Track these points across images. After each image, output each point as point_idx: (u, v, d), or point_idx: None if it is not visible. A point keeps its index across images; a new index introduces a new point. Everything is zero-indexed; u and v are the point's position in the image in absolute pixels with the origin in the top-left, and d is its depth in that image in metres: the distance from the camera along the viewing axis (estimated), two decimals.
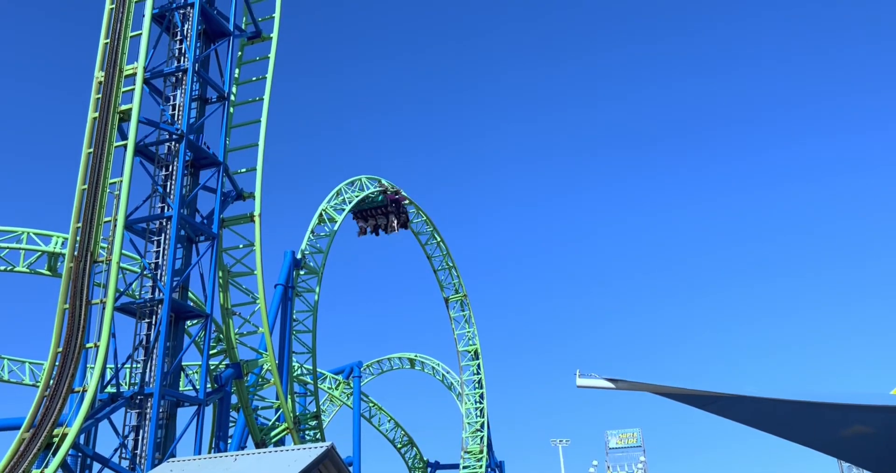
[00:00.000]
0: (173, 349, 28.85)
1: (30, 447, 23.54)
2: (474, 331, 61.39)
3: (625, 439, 77.04)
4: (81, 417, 23.95)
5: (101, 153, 27.86)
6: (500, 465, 64.64)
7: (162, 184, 30.08)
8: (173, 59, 31.97)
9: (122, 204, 27.33)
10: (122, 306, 28.06)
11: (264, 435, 33.10)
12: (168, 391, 27.61)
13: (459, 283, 60.43)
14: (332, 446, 20.86)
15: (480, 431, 60.27)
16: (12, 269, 36.38)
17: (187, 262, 30.59)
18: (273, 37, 35.61)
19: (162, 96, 31.43)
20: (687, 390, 8.66)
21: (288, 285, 38.83)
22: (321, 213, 43.81)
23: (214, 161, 31.87)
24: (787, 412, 8.85)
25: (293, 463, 19.79)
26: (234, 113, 33.89)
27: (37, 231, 36.09)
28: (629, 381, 9.36)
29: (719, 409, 9.14)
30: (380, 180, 50.41)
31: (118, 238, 26.86)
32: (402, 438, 63.24)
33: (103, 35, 29.77)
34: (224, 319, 32.02)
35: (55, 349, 25.62)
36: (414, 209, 54.96)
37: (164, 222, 29.46)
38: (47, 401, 24.58)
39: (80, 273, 26.46)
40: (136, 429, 26.94)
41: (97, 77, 29.21)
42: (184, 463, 22.28)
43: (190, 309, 30.19)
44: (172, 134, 30.25)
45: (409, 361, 66.03)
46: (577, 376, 9.79)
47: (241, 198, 32.86)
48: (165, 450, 27.06)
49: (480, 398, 60.87)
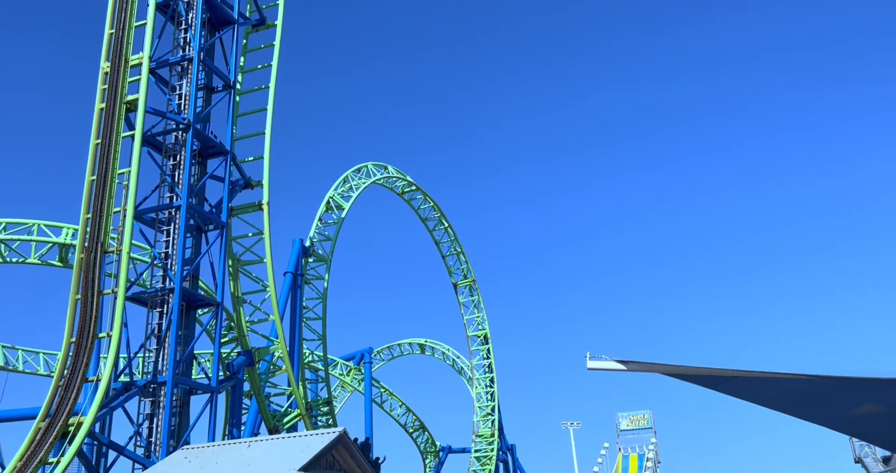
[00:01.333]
0: (185, 337, 29.04)
1: (46, 436, 23.81)
2: (483, 316, 61.56)
3: (636, 421, 77.12)
4: (96, 406, 24.18)
5: (109, 144, 27.93)
6: (512, 448, 64.99)
7: (170, 174, 30.14)
8: (178, 48, 31.95)
9: (131, 194, 27.44)
10: (133, 295, 28.25)
11: (277, 422, 33.33)
12: (181, 380, 27.82)
13: (468, 268, 60.52)
14: (345, 431, 21.03)
15: (491, 415, 60.56)
16: (24, 261, 36.58)
17: (197, 251, 30.72)
18: (277, 24, 35.51)
19: (168, 86, 31.43)
20: (697, 369, 8.65)
21: (297, 272, 38.97)
22: (328, 200, 43.84)
23: (222, 150, 31.91)
24: (799, 390, 8.84)
25: (306, 449, 19.97)
26: (240, 102, 33.89)
27: (47, 223, 36.24)
28: (639, 362, 9.35)
29: (730, 389, 9.12)
30: (386, 167, 50.40)
31: (128, 228, 26.98)
32: (414, 423, 63.61)
33: (108, 25, 29.75)
34: (235, 307, 32.19)
35: (68, 340, 25.84)
36: (421, 196, 54.99)
37: (173, 212, 29.56)
38: (62, 391, 24.83)
39: (91, 264, 26.62)
40: (150, 417, 27.21)
41: (103, 68, 29.24)
42: (198, 450, 22.50)
43: (201, 298, 30.35)
44: (179, 123, 30.28)
45: (420, 346, 66.31)
46: (587, 358, 9.80)
47: (249, 186, 32.93)
48: (180, 438, 27.32)
49: (491, 382, 61.09)
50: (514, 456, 65.05)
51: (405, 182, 53.25)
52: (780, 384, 8.67)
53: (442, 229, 57.97)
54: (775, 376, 8.43)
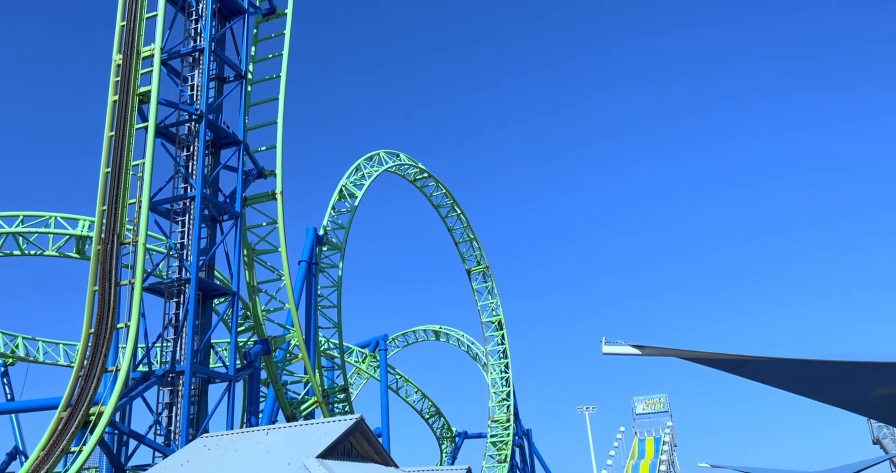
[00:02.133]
0: (202, 327, 29.25)
1: (68, 425, 24.13)
2: (497, 302, 61.59)
3: (651, 404, 77.12)
4: (116, 395, 24.46)
5: (123, 136, 28.06)
6: (528, 433, 65.20)
7: (184, 164, 30.26)
8: (189, 39, 31.96)
9: (146, 186, 27.58)
10: (150, 286, 28.47)
11: (294, 409, 33.59)
12: (199, 369, 28.06)
13: (481, 255, 60.51)
14: (362, 418, 21.15)
15: (507, 400, 60.72)
16: (42, 253, 36.93)
17: (212, 241, 30.88)
18: (288, 13, 35.43)
19: (180, 77, 31.49)
20: (716, 354, 8.59)
21: (311, 261, 39.11)
22: (341, 189, 43.88)
23: (234, 140, 31.98)
24: (819, 374, 8.79)
25: (324, 436, 20.10)
26: (251, 91, 33.91)
27: (64, 215, 36.52)
28: (656, 347, 9.31)
29: (750, 372, 9.05)
30: (398, 155, 50.35)
31: (143, 220, 27.15)
32: (430, 409, 63.92)
33: (119, 17, 29.79)
34: (250, 296, 32.38)
35: (87, 331, 26.10)
36: (433, 183, 54.93)
37: (188, 203, 29.71)
38: (82, 381, 25.11)
39: (108, 255, 26.84)
40: (169, 406, 27.49)
41: (115, 60, 29.31)
42: (217, 438, 22.70)
43: (217, 288, 30.55)
44: (192, 114, 30.35)
45: (434, 333, 66.50)
46: (602, 343, 9.77)
47: (263, 176, 33.02)
48: (199, 426, 27.60)
49: (506, 368, 61.22)
50: (529, 441, 65.29)
51: (417, 169, 53.20)
52: (798, 368, 8.63)
53: (454, 215, 57.93)
54: (793, 360, 8.39)
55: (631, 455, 71.01)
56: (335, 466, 18.61)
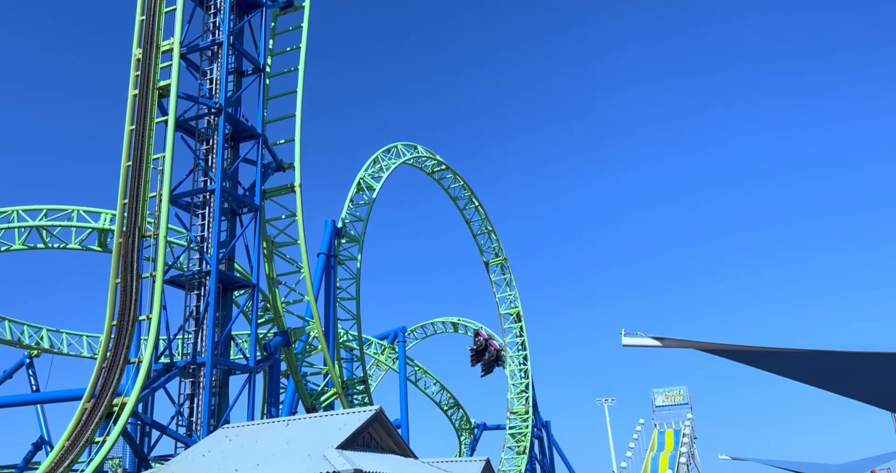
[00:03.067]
0: (222, 319, 29.50)
1: (92, 416, 24.46)
2: (515, 294, 61.52)
3: (671, 396, 76.52)
4: (138, 387, 24.74)
5: (143, 130, 28.29)
6: (546, 425, 65.19)
7: (203, 158, 30.47)
8: (208, 33, 32.12)
9: (167, 179, 27.81)
10: (171, 279, 28.74)
11: (314, 400, 33.80)
12: (219, 360, 28.32)
13: (499, 246, 60.42)
14: (381, 409, 21.27)
15: (525, 392, 60.72)
16: (65, 246, 37.40)
17: (232, 234, 31.09)
18: (305, 6, 35.46)
19: (199, 71, 31.67)
20: (736, 346, 8.50)
21: (330, 253, 39.27)
22: (359, 181, 43.97)
23: (253, 133, 32.13)
24: (842, 366, 8.67)
25: (344, 427, 20.24)
26: (270, 85, 34.01)
27: (86, 209, 36.94)
28: (675, 339, 9.22)
29: (771, 365, 8.93)
30: (416, 147, 50.32)
31: (164, 213, 27.39)
32: (448, 400, 64.07)
33: (139, 12, 30.00)
34: (270, 288, 32.58)
35: (110, 323, 26.42)
36: (451, 175, 54.88)
37: (208, 196, 29.92)
38: (105, 372, 25.44)
39: (130, 248, 27.12)
40: (190, 397, 27.77)
41: (135, 54, 29.52)
42: (238, 429, 22.93)
43: (237, 280, 30.76)
44: (211, 108, 30.52)
45: (453, 325, 66.55)
46: (622, 335, 9.70)
47: (282, 169, 33.14)
48: (220, 417, 27.87)
49: (524, 360, 61.18)
50: (548, 433, 65.28)
51: (435, 161, 53.17)
52: (821, 360, 8.52)
53: (472, 207, 57.86)
54: (815, 352, 8.28)
55: (650, 447, 70.60)
56: (355, 457, 18.74)
